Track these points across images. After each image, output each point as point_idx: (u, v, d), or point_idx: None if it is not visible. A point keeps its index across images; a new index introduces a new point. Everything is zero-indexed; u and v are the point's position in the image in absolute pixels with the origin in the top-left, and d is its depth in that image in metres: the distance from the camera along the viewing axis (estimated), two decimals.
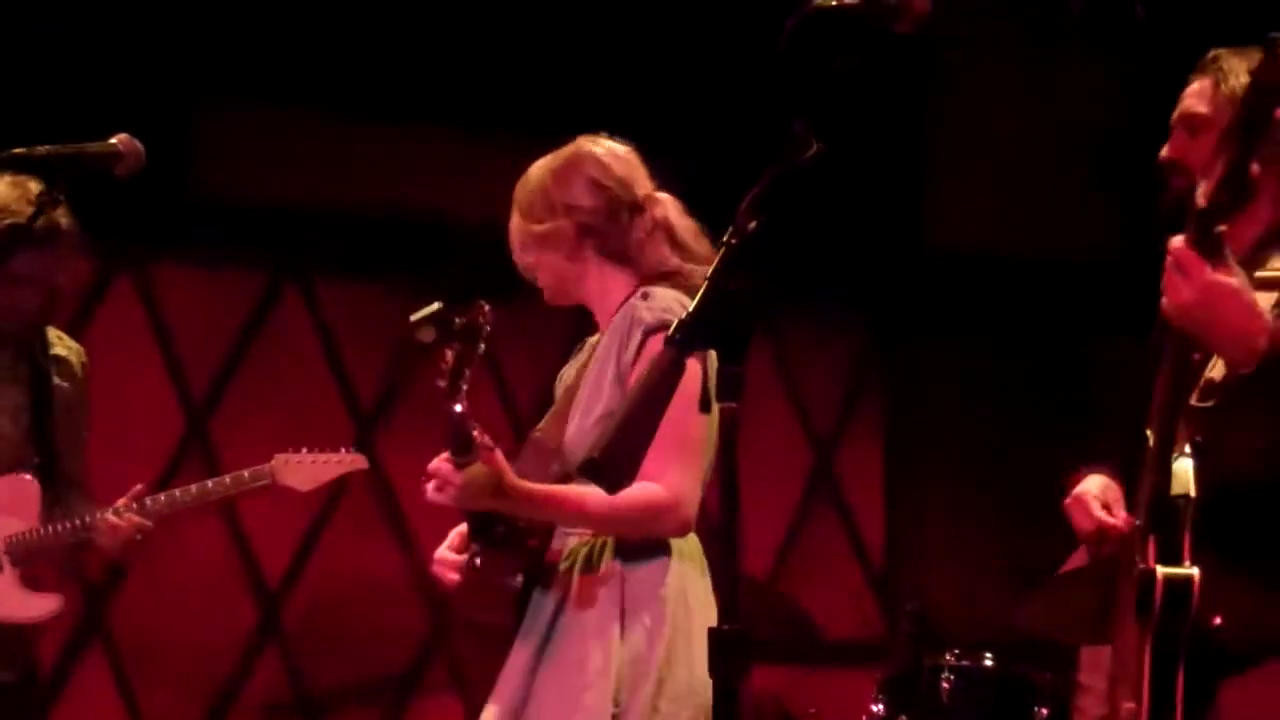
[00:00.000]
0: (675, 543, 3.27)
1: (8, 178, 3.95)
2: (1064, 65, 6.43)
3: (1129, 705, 2.73)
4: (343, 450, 4.38)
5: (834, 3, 2.30)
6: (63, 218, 3.96)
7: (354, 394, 6.19)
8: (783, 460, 6.59)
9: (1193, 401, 2.75)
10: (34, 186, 3.88)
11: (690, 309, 2.26)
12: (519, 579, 3.28)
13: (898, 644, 5.09)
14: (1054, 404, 6.57)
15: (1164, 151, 3.10)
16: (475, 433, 3.14)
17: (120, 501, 4.12)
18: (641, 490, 3.12)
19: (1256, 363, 2.58)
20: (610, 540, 3.25)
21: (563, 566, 3.27)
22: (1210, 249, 2.55)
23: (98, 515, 4.10)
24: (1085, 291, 6.49)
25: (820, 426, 6.78)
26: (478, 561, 3.31)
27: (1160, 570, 2.68)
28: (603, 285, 3.36)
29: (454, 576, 3.36)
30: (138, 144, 2.97)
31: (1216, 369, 2.75)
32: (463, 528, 3.40)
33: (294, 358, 6.17)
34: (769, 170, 2.30)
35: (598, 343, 3.41)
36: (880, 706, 4.77)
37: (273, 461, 4.28)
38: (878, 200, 6.48)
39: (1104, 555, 3.05)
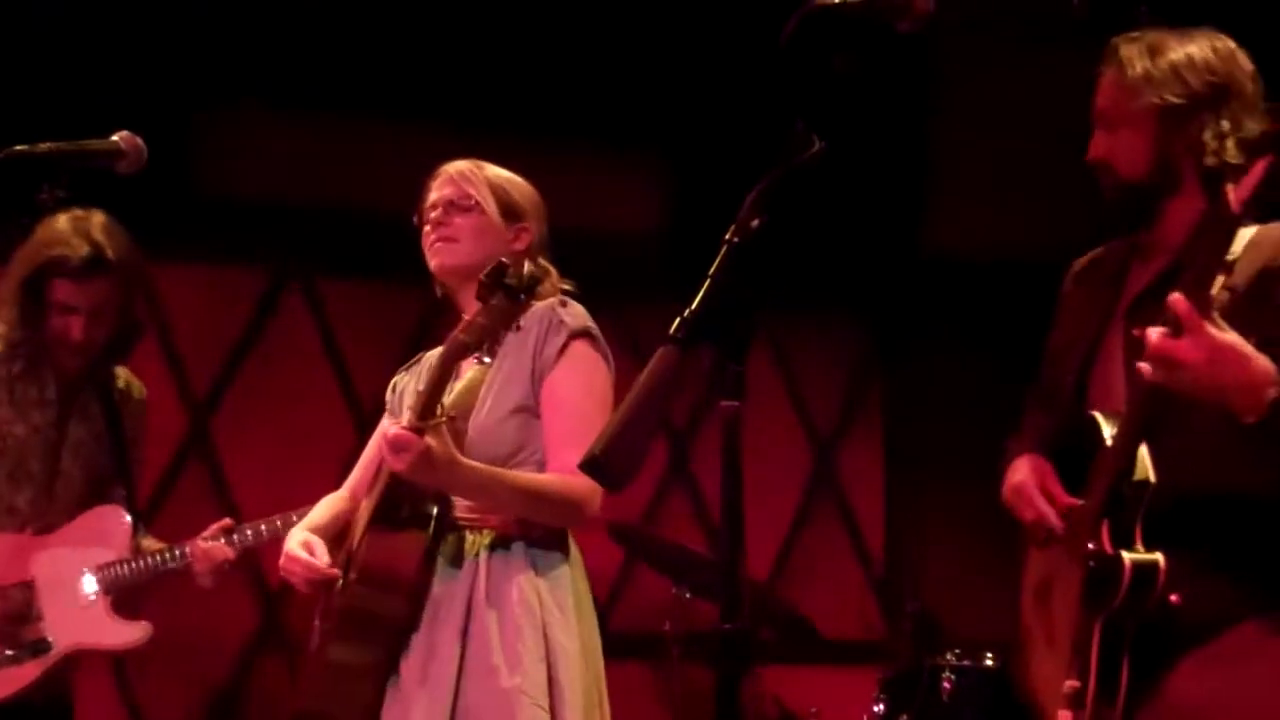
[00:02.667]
0: (571, 540, 3.35)
1: (75, 212, 4.06)
2: (1066, 68, 6.42)
3: (1071, 683, 2.76)
4: None
5: (835, 1, 2.30)
6: (111, 250, 4.09)
7: (355, 393, 6.18)
8: (784, 461, 6.60)
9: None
10: (97, 220, 4.09)
11: (693, 306, 2.26)
12: (416, 567, 3.23)
13: (899, 644, 5.10)
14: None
15: (1089, 153, 3.08)
16: (444, 401, 3.17)
17: (208, 532, 4.27)
18: (563, 482, 3.20)
19: (1264, 412, 2.58)
20: (514, 534, 3.27)
21: (469, 556, 3.27)
22: (1203, 308, 2.56)
23: (188, 547, 4.27)
24: None
25: (821, 428, 6.78)
26: (367, 547, 3.28)
27: (1127, 556, 2.72)
28: None
29: (312, 576, 3.34)
30: (139, 140, 2.98)
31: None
32: (303, 539, 3.39)
33: (296, 356, 6.17)
34: (771, 169, 2.29)
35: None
36: (881, 706, 4.78)
37: None
38: (879, 202, 6.48)
39: (1044, 543, 3.04)
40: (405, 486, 3.25)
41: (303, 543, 3.39)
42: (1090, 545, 2.78)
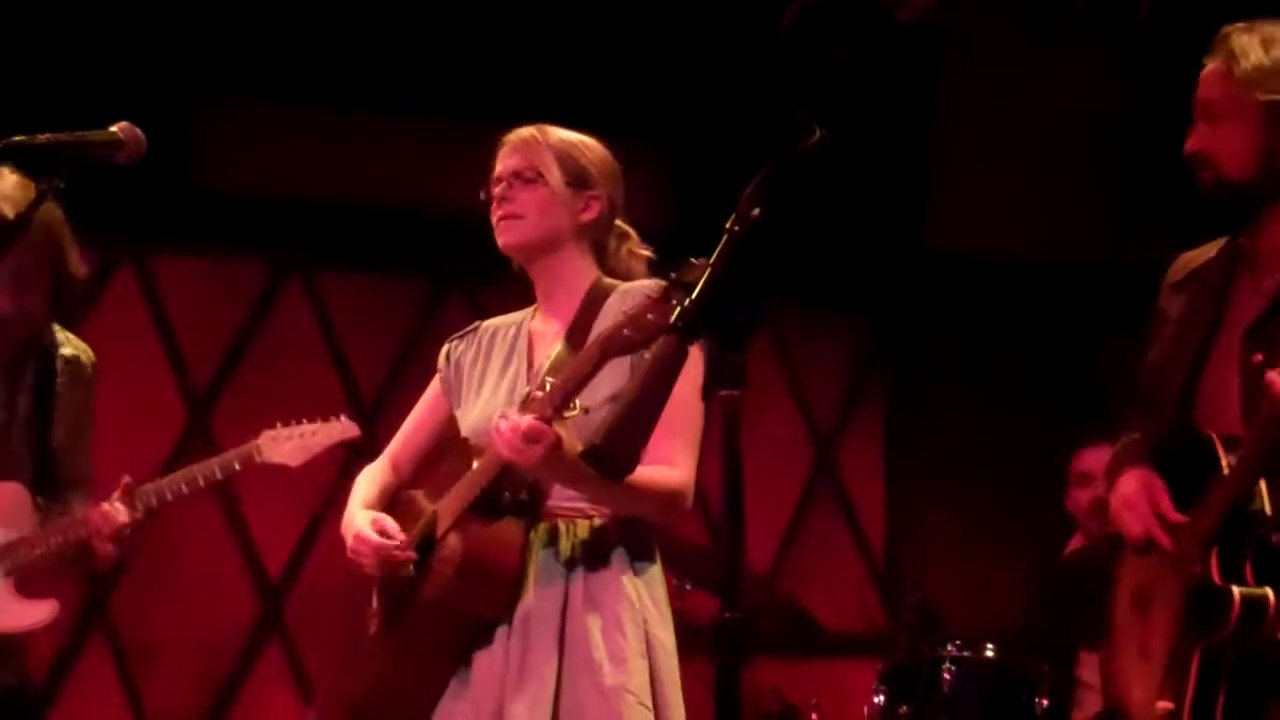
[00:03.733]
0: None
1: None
2: (1067, 64, 6.43)
3: (1165, 704, 2.72)
4: (333, 419, 4.19)
5: None
6: (23, 212, 3.56)
7: (355, 385, 6.18)
8: (785, 454, 6.59)
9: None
10: (7, 181, 3.63)
11: (693, 296, 2.25)
12: (518, 559, 3.14)
13: (899, 635, 5.10)
14: (1052, 400, 6.59)
15: (1188, 144, 2.92)
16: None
17: (113, 497, 3.90)
18: (665, 474, 3.12)
19: None
20: (609, 527, 3.19)
21: (563, 548, 3.18)
22: None
23: (85, 513, 3.89)
24: (1085, 290, 6.50)
25: (822, 421, 6.78)
26: (469, 537, 3.15)
27: (1237, 589, 2.68)
28: (577, 266, 3.33)
29: (386, 558, 3.24)
30: (138, 131, 2.95)
31: None
32: (372, 518, 3.29)
33: (296, 350, 6.17)
34: (772, 158, 2.29)
35: (525, 323, 3.37)
36: (881, 697, 4.78)
37: (259, 439, 4.09)
38: (881, 197, 6.48)
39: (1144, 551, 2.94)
40: (509, 476, 3.14)
41: (372, 522, 3.30)
42: (1197, 569, 2.73)
